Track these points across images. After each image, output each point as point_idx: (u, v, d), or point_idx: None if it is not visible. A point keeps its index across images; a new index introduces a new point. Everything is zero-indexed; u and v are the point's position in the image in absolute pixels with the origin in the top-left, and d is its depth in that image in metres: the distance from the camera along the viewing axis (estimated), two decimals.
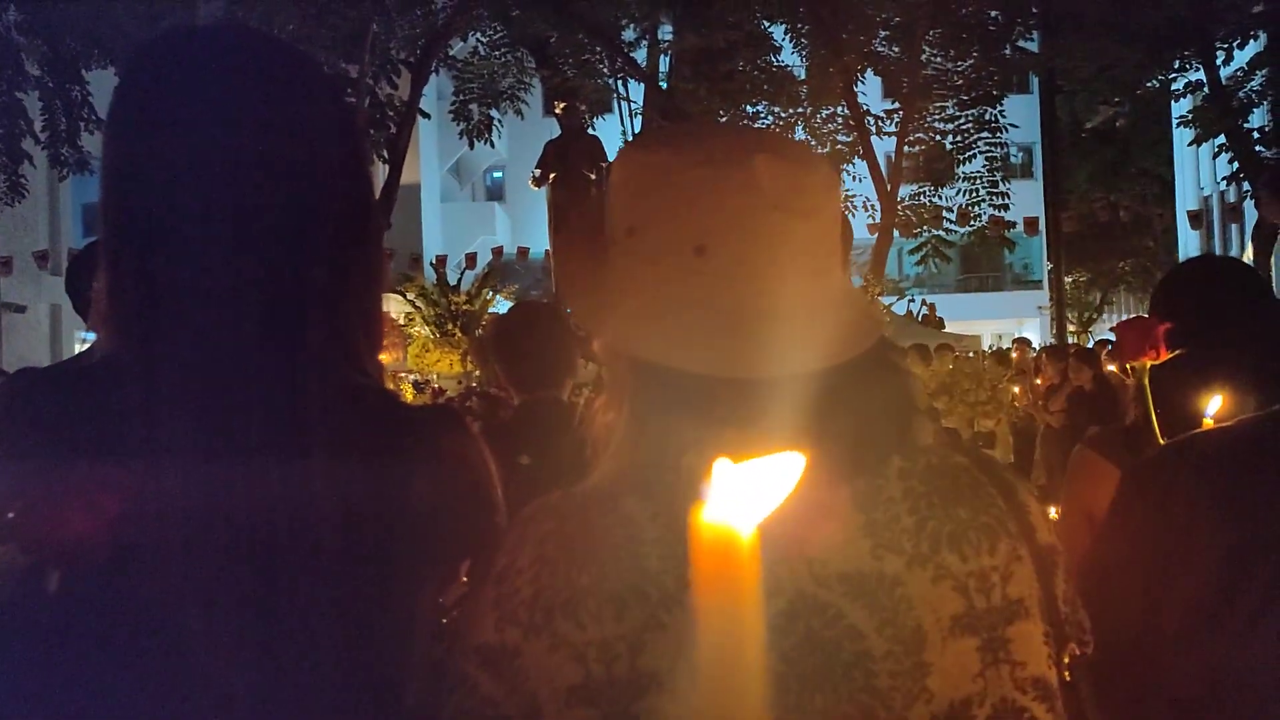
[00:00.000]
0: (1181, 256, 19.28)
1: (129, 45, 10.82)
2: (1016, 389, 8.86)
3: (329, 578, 0.87)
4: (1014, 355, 10.42)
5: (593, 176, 10.71)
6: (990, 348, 13.91)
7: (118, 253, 0.90)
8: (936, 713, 0.81)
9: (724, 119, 12.86)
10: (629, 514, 0.82)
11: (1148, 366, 1.68)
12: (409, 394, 9.13)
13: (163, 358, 0.88)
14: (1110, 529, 1.14)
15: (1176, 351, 1.72)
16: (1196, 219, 17.60)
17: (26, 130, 12.79)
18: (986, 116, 14.42)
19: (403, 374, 10.92)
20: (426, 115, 14.59)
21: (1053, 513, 1.84)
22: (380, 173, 13.39)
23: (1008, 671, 0.83)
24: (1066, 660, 0.88)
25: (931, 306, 16.41)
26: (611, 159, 1.11)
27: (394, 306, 12.54)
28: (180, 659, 0.84)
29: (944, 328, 15.07)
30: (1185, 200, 21.26)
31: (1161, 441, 1.57)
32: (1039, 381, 8.06)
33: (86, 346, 1.42)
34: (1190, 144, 14.83)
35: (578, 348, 2.39)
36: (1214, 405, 1.47)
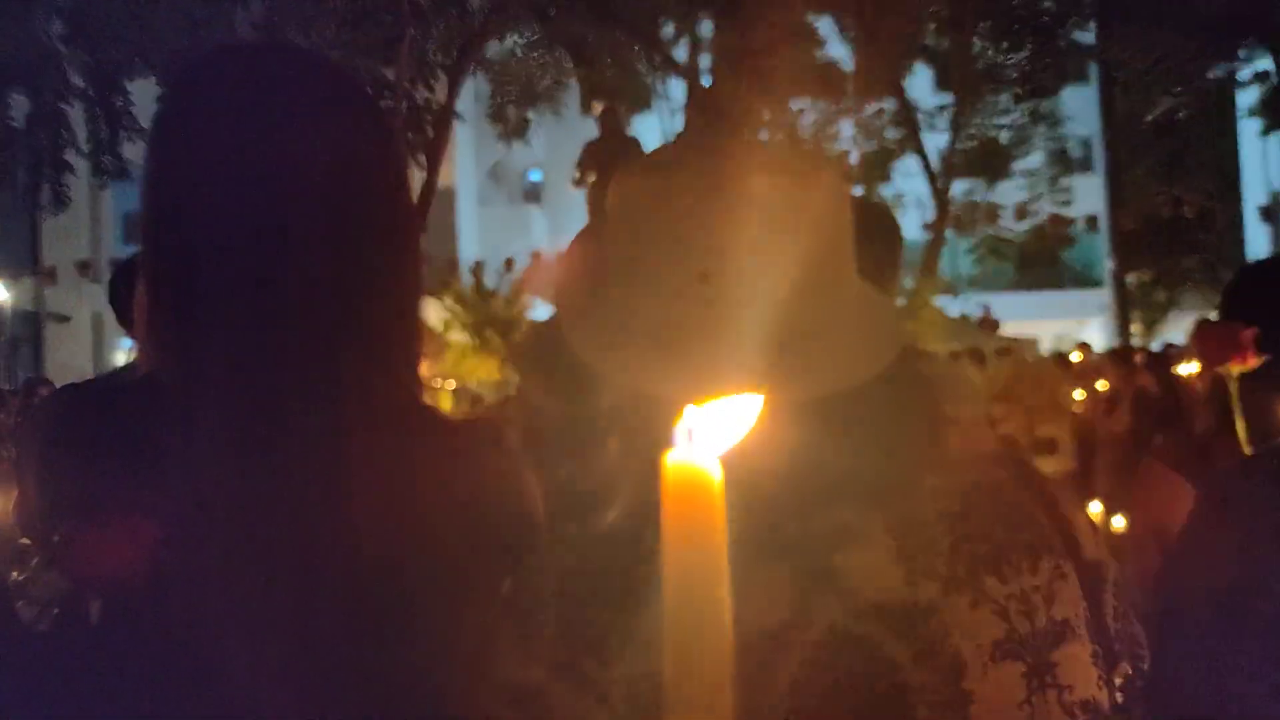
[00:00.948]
0: (1250, 253, 18.56)
1: (169, 54, 10.93)
2: (1078, 394, 8.60)
3: (368, 600, 0.86)
4: (1075, 359, 10.05)
5: None
6: (1049, 351, 13.44)
7: (157, 268, 0.91)
8: None
9: (766, 117, 12.57)
10: (650, 553, 0.74)
11: (1234, 373, 1.61)
12: (447, 403, 8.99)
13: (201, 375, 0.87)
14: (1188, 548, 1.09)
15: (1265, 357, 1.64)
16: (1268, 214, 16.88)
17: (69, 140, 12.88)
18: (1042, 109, 13.93)
19: (440, 382, 10.76)
20: (460, 118, 14.48)
21: (1118, 522, 1.82)
22: (417, 178, 13.25)
23: (1055, 696, 0.80)
24: (1119, 681, 0.85)
25: (987, 309, 15.98)
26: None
27: (431, 313, 12.40)
28: (219, 686, 0.83)
29: (999, 330, 14.64)
30: (1252, 194, 20.53)
31: (1246, 452, 1.52)
32: (1101, 386, 7.80)
33: (129, 358, 1.45)
34: (1263, 134, 14.19)
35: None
36: None
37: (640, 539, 0.79)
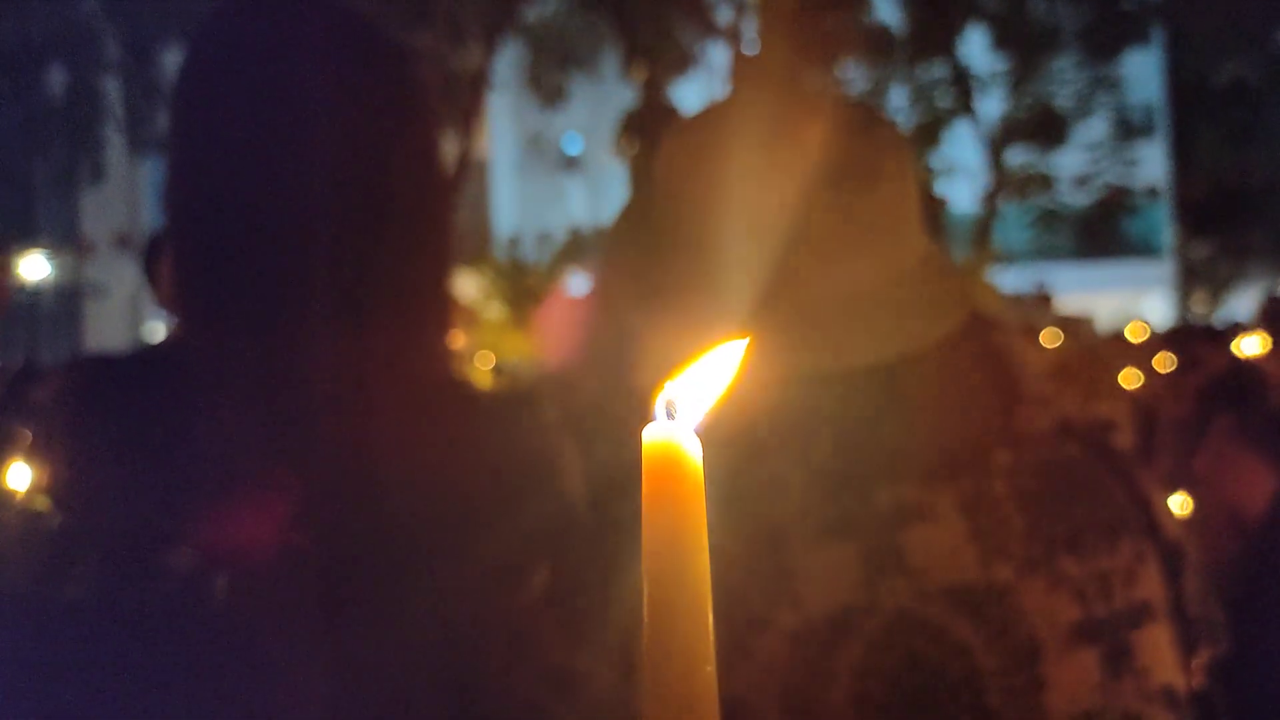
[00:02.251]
0: None
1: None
2: (1137, 373, 8.30)
3: (398, 577, 0.83)
4: (1135, 335, 9.71)
5: None
6: (1107, 326, 13.05)
7: (181, 236, 0.89)
8: None
9: (813, 83, 12.28)
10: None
11: None
12: (485, 379, 8.88)
13: (227, 346, 0.85)
14: (1270, 527, 1.08)
15: None
16: None
17: (107, 113, 12.97)
18: (1103, 73, 13.44)
19: (477, 357, 10.63)
20: (495, 86, 14.32)
21: (1177, 504, 1.69)
22: (450, 148, 13.09)
23: (1132, 682, 0.77)
24: (1197, 665, 0.82)
25: (1041, 283, 15.59)
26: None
27: (467, 287, 12.27)
28: (251, 666, 0.81)
29: (1051, 306, 14.25)
30: None
31: None
32: (1161, 364, 7.51)
33: (159, 333, 1.30)
34: None
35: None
36: None
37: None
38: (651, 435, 0.38)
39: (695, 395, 0.40)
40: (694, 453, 0.38)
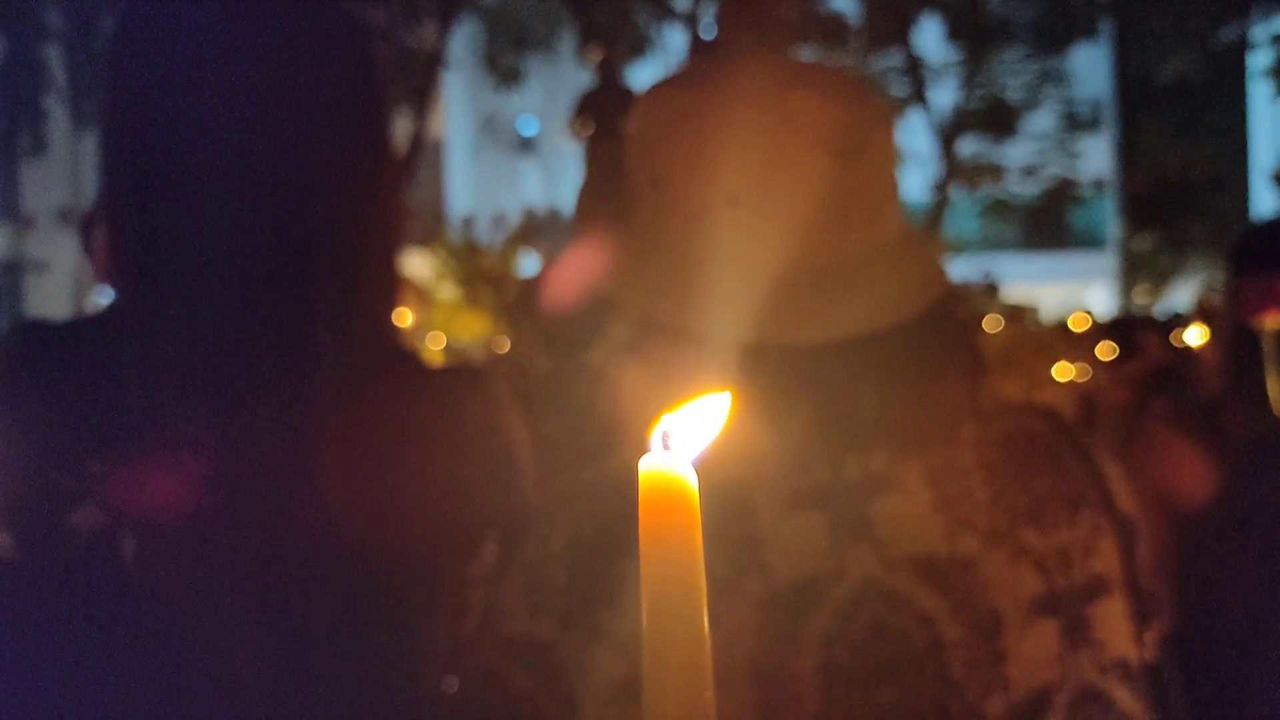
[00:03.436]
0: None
1: None
2: (1077, 363, 8.46)
3: (340, 552, 0.82)
4: (1077, 327, 9.88)
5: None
6: (1051, 316, 13.25)
7: (116, 203, 0.87)
8: (1014, 702, 0.75)
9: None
10: None
11: (1269, 328, 1.56)
12: (437, 360, 8.80)
13: (163, 315, 0.83)
14: (1219, 507, 1.07)
15: None
16: (1278, 179, 16.65)
17: (49, 85, 12.58)
18: (1052, 67, 13.61)
19: (429, 338, 10.52)
20: (450, 66, 14.12)
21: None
22: (404, 128, 12.91)
23: (1089, 654, 0.78)
24: (1149, 638, 0.83)
25: (987, 272, 15.81)
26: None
27: (420, 268, 12.13)
28: (183, 639, 0.80)
29: (998, 295, 14.45)
30: (1261, 159, 20.25)
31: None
32: (1103, 354, 7.66)
33: (100, 305, 1.27)
34: (1278, 94, 13.89)
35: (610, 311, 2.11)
36: None
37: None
38: (648, 465, 0.38)
39: (691, 427, 0.40)
40: (690, 482, 0.38)
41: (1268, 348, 1.55)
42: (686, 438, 0.40)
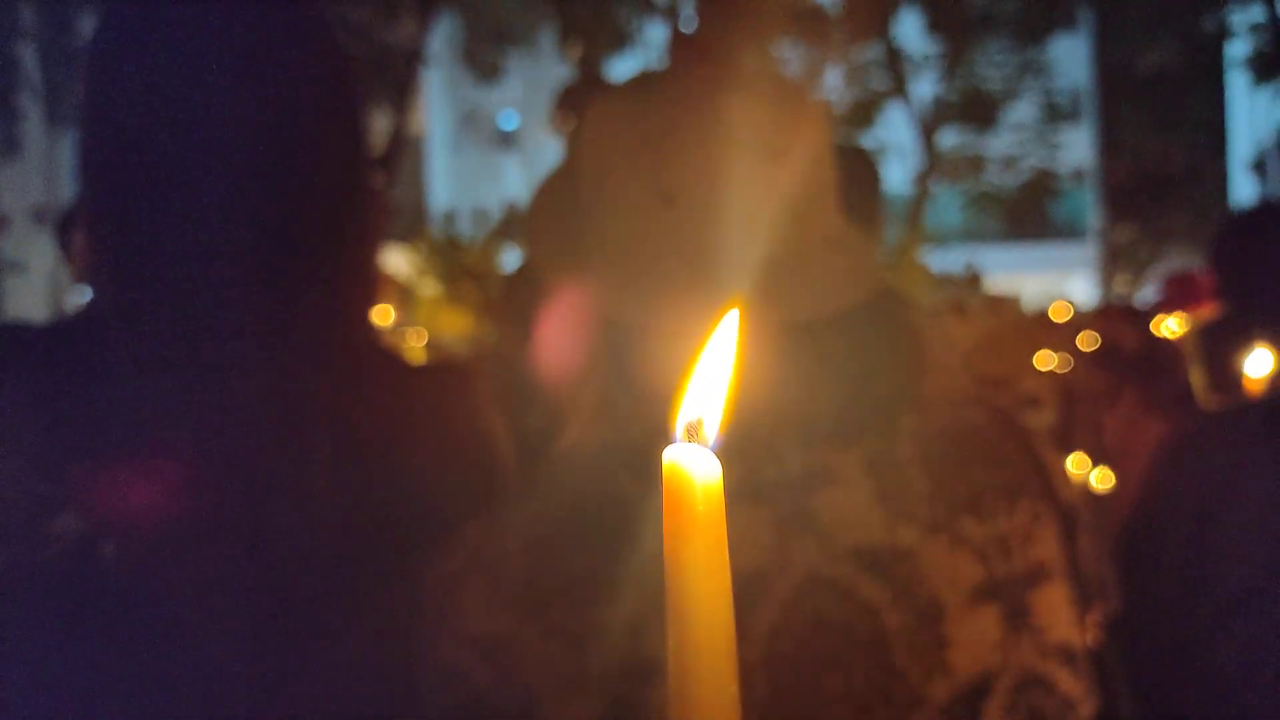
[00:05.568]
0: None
1: None
2: (1058, 351, 8.51)
3: (323, 546, 0.82)
4: (1058, 314, 9.95)
5: None
6: (1032, 305, 13.34)
7: (95, 202, 0.86)
8: (956, 687, 0.76)
9: (749, 62, 12.27)
10: (623, 494, 0.77)
11: (1190, 323, 1.59)
12: (419, 356, 8.77)
13: (144, 314, 0.83)
14: (1147, 496, 1.13)
15: (1224, 306, 1.61)
16: (1255, 169, 16.77)
17: (23, 84, 12.47)
18: (1032, 58, 13.67)
19: (411, 333, 10.49)
20: (429, 62, 14.09)
21: (1097, 477, 1.74)
22: (384, 123, 12.85)
23: (1030, 639, 0.79)
24: (1091, 623, 0.84)
25: (969, 263, 15.91)
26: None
27: (402, 263, 12.08)
28: (167, 642, 0.79)
29: (980, 286, 14.54)
30: (1239, 149, 20.41)
31: (1204, 402, 1.52)
32: (1083, 343, 7.72)
33: (76, 306, 1.30)
34: (1256, 82, 14.00)
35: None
36: (1262, 365, 1.35)
37: (615, 484, 0.77)
38: (671, 458, 0.38)
39: (711, 411, 0.39)
40: (714, 475, 0.38)
41: (1189, 343, 1.60)
42: (709, 423, 0.39)
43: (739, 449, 0.78)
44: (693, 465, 0.37)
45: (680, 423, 0.39)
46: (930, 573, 0.77)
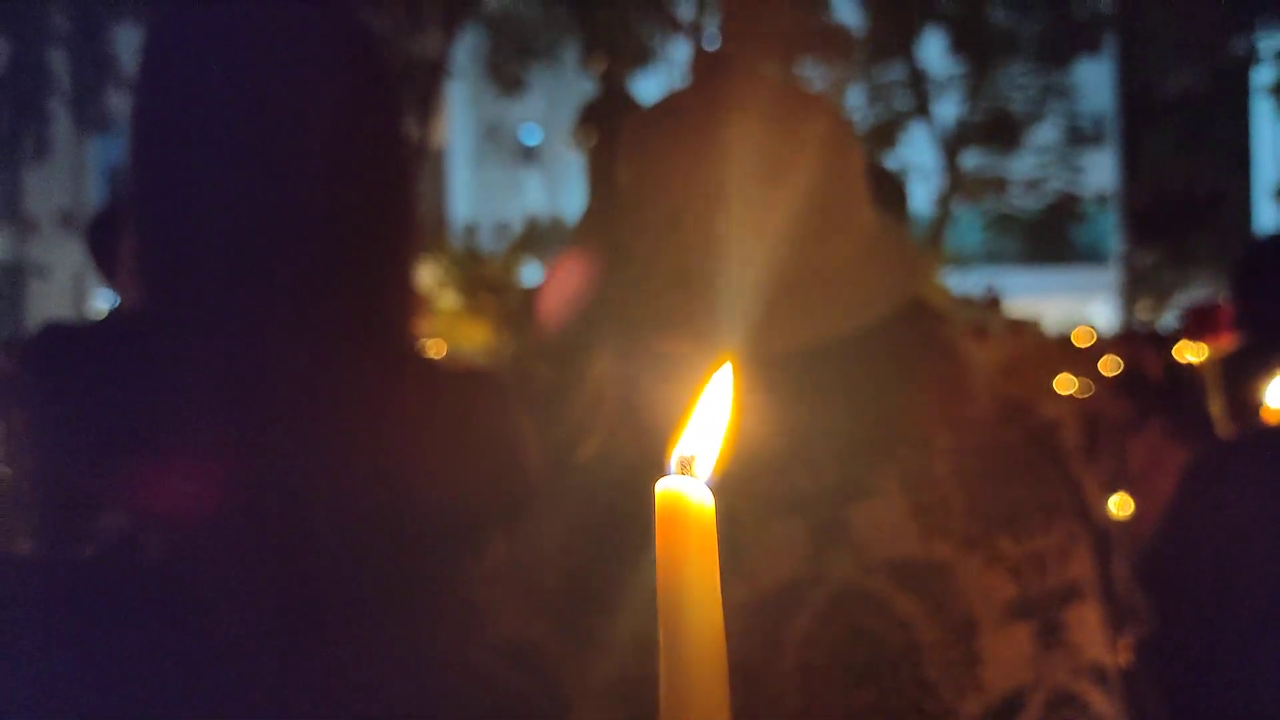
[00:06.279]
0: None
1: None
2: (1079, 377, 8.46)
3: (359, 551, 0.83)
4: (1080, 342, 9.90)
5: None
6: (1054, 330, 13.26)
7: (145, 210, 0.88)
8: (989, 703, 0.76)
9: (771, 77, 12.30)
10: (652, 504, 0.72)
11: (1210, 352, 1.61)
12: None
13: (191, 320, 0.84)
14: (1175, 519, 1.12)
15: (1244, 336, 1.63)
16: None
17: (52, 88, 12.60)
18: (1055, 81, 13.62)
19: (430, 345, 10.52)
20: (453, 75, 14.17)
21: (1116, 504, 1.63)
22: (410, 134, 12.95)
23: (1062, 657, 0.79)
24: (1123, 644, 0.84)
25: (990, 286, 15.81)
26: None
27: (422, 275, 12.13)
28: (204, 633, 0.80)
29: (1000, 309, 14.45)
30: (1264, 175, 20.26)
31: (1224, 431, 1.55)
32: (1106, 369, 7.70)
33: (109, 309, 1.27)
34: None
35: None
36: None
37: (640, 490, 0.68)
38: (664, 489, 0.38)
39: (706, 448, 0.40)
40: (707, 506, 0.38)
41: (1209, 372, 1.60)
42: (702, 459, 0.40)
43: (774, 461, 0.79)
44: (686, 495, 0.38)
45: (674, 456, 0.39)
46: (964, 588, 0.77)
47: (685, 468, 0.39)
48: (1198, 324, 1.64)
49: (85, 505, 0.83)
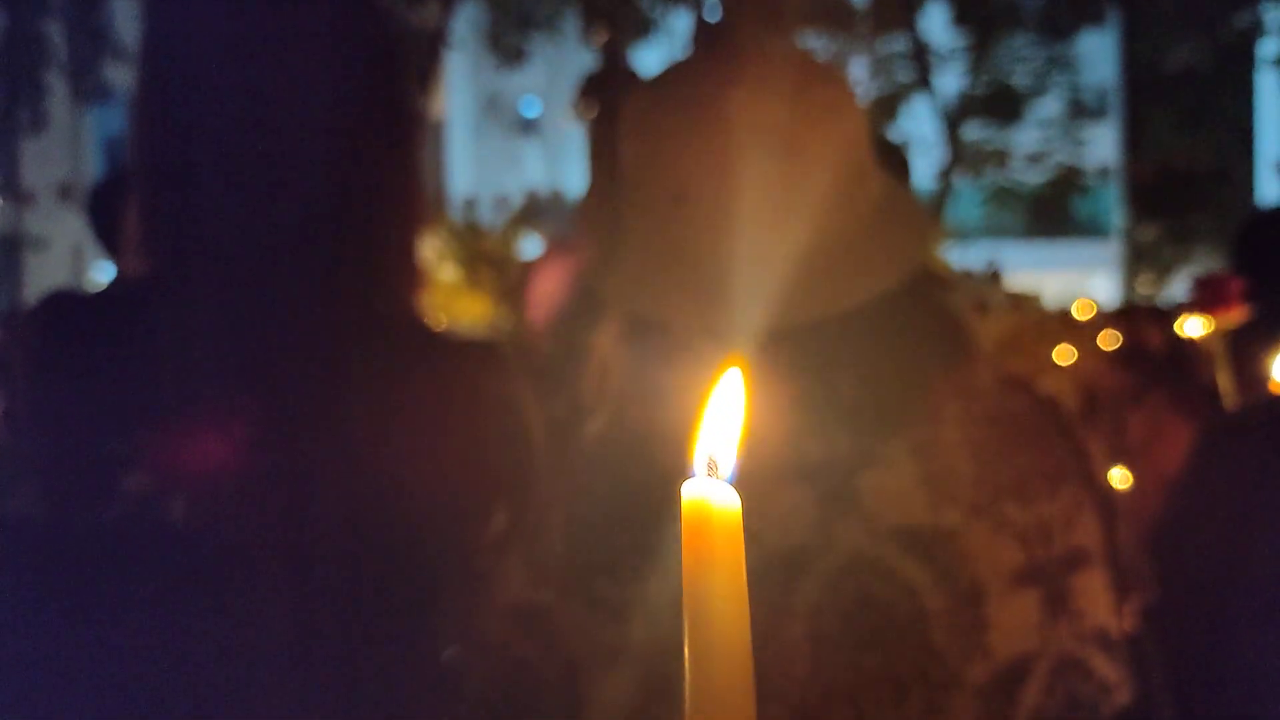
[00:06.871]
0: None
1: None
2: (1078, 350, 8.48)
3: (367, 517, 0.84)
4: (1081, 315, 9.89)
5: None
6: (1054, 303, 13.25)
7: (149, 181, 0.88)
8: (995, 669, 0.77)
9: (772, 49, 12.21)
10: (666, 475, 0.72)
11: (1218, 324, 1.59)
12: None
13: (194, 290, 0.85)
14: (1183, 492, 1.13)
15: (1255, 307, 1.64)
16: None
17: (49, 60, 12.49)
18: (1058, 54, 13.53)
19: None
20: (448, 46, 14.05)
21: (1117, 478, 1.74)
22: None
23: (1068, 623, 0.80)
24: (1128, 610, 0.85)
25: (990, 260, 15.79)
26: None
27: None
28: (211, 604, 0.80)
29: (1001, 283, 14.43)
30: (1267, 150, 20.16)
31: (1230, 404, 1.56)
32: (1105, 343, 7.70)
33: (110, 279, 1.34)
34: None
35: None
36: None
37: (650, 459, 0.76)
38: (691, 492, 0.38)
39: (729, 448, 0.39)
40: (733, 508, 0.38)
41: (1216, 345, 1.62)
42: (724, 460, 0.39)
43: (785, 431, 0.79)
44: (712, 498, 0.37)
45: (698, 458, 0.39)
46: (972, 555, 0.78)
47: (712, 470, 0.38)
48: (1208, 296, 1.64)
49: (92, 471, 0.84)
